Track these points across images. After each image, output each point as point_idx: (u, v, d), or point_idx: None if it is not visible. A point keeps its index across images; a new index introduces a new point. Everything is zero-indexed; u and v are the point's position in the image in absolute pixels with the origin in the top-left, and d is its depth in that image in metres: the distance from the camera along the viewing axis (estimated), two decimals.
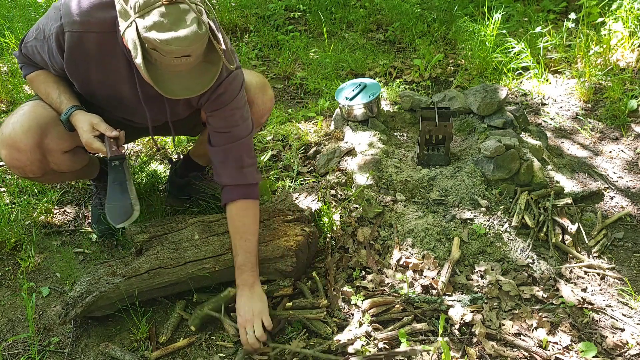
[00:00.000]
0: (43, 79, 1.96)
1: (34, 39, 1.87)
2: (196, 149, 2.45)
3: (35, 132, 1.87)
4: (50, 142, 1.91)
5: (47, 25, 1.80)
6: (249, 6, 4.61)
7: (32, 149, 1.88)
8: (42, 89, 1.95)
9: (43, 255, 2.32)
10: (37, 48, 1.87)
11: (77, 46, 1.75)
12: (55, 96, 1.91)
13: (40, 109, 1.93)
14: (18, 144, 1.86)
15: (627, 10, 3.45)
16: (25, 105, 1.97)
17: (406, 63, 3.80)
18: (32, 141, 1.87)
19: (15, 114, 1.93)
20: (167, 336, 1.92)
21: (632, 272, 2.20)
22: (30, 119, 1.88)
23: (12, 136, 1.86)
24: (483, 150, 2.46)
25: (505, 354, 1.82)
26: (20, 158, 1.89)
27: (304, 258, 2.09)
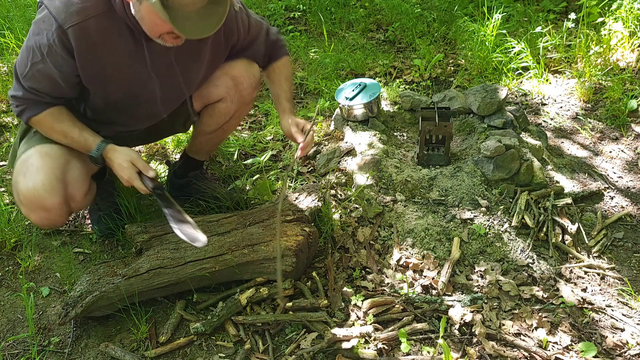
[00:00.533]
0: (56, 118, 1.88)
1: (30, 67, 1.78)
2: (192, 144, 2.45)
3: (59, 187, 1.87)
4: (73, 191, 1.93)
5: (40, 41, 1.73)
6: (249, 6, 4.61)
7: (60, 205, 1.89)
8: (56, 129, 1.89)
9: (43, 255, 2.32)
10: (39, 72, 1.78)
11: (83, 38, 1.73)
12: (77, 135, 1.89)
13: (51, 159, 1.88)
14: (46, 205, 1.86)
15: (627, 10, 3.45)
16: (31, 156, 1.89)
17: (406, 63, 3.80)
18: (58, 199, 1.87)
19: (27, 171, 1.86)
20: (167, 336, 1.92)
21: (632, 272, 2.20)
22: (48, 175, 1.85)
23: (38, 198, 1.84)
24: (483, 150, 2.46)
25: (505, 354, 1.82)
26: (51, 217, 1.91)
27: (304, 258, 2.09)
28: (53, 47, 1.73)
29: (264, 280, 2.05)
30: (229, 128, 2.36)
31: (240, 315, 1.96)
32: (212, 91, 2.18)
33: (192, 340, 1.91)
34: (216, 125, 2.27)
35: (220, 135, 2.38)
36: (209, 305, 2.04)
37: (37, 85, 1.82)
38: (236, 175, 2.74)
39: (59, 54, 1.74)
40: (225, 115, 2.24)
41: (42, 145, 1.93)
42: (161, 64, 1.92)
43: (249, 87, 2.19)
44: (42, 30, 1.73)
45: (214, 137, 2.37)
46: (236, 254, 2.02)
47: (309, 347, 1.84)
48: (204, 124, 2.29)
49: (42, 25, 1.72)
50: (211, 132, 2.31)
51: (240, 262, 2.01)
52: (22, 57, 1.80)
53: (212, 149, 2.53)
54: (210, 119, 2.26)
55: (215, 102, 2.21)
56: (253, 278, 2.06)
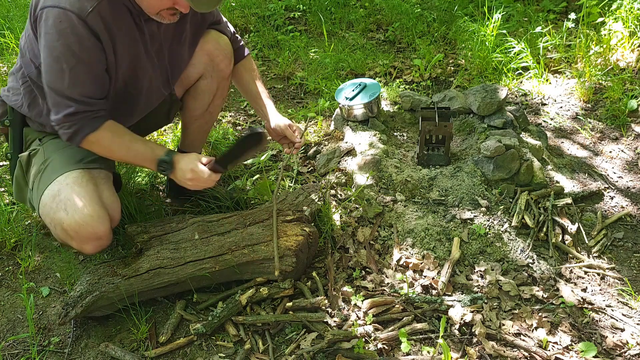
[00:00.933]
0: (114, 132, 1.84)
1: (70, 74, 1.70)
2: (184, 138, 2.46)
3: (104, 214, 1.87)
4: (112, 212, 1.94)
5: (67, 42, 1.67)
6: (249, 6, 4.61)
7: (109, 230, 1.90)
8: (118, 144, 1.84)
9: (43, 255, 2.32)
10: (81, 75, 1.72)
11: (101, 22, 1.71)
12: (141, 145, 1.88)
13: (82, 187, 1.86)
14: (99, 234, 1.86)
15: (627, 10, 3.45)
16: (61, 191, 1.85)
17: (406, 63, 3.80)
18: (108, 224, 1.88)
19: (67, 206, 1.82)
20: (167, 336, 1.92)
21: (632, 272, 2.20)
22: (92, 204, 1.84)
23: (90, 231, 1.83)
24: (483, 150, 2.46)
25: (505, 354, 1.82)
26: (103, 244, 1.92)
27: (304, 258, 2.09)
28: (83, 39, 1.69)
29: (264, 280, 2.05)
30: (215, 110, 2.37)
31: (241, 316, 1.96)
32: (190, 70, 2.20)
33: (192, 340, 1.91)
34: (202, 107, 2.30)
35: (208, 120, 2.40)
36: (209, 305, 2.04)
37: (84, 89, 1.75)
38: (236, 175, 2.74)
39: (90, 43, 1.71)
40: (209, 94, 2.26)
41: (63, 176, 1.88)
42: (154, 47, 1.94)
43: (225, 59, 2.21)
44: (62, 31, 1.67)
45: (203, 124, 2.39)
46: (236, 254, 2.02)
47: (309, 347, 1.84)
48: (190, 109, 2.31)
49: (61, 26, 1.67)
50: (199, 117, 2.33)
51: (240, 262, 2.01)
52: (54, 73, 1.72)
53: (204, 138, 2.53)
54: (195, 101, 2.28)
55: (196, 82, 2.24)
56: (253, 278, 2.06)
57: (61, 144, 1.98)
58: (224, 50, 2.21)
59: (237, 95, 3.58)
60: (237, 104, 3.50)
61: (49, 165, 1.94)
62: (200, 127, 2.40)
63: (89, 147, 1.86)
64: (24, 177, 2.03)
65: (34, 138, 2.04)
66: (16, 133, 2.05)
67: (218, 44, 2.20)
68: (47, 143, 2.00)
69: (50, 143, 2.00)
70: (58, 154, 1.96)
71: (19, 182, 2.06)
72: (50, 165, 1.94)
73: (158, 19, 1.79)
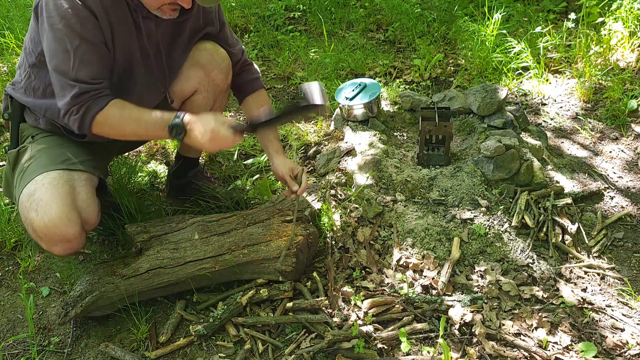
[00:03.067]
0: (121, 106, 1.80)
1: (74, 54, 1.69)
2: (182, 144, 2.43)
3: (75, 216, 1.83)
4: (87, 215, 1.89)
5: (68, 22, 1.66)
6: (249, 6, 4.61)
7: (80, 233, 1.85)
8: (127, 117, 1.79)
9: (43, 255, 2.32)
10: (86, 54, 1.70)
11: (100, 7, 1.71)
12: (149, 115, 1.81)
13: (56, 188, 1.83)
14: (67, 237, 1.82)
15: (627, 10, 3.45)
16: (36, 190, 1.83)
17: (406, 63, 3.80)
18: (77, 227, 1.84)
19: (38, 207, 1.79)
20: (167, 336, 1.92)
21: (632, 272, 2.20)
22: (61, 206, 1.80)
23: (58, 233, 1.80)
24: (483, 150, 2.46)
25: (505, 354, 1.82)
26: (73, 246, 1.88)
27: (304, 258, 2.09)
28: (84, 20, 1.68)
29: (264, 281, 2.05)
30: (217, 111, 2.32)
31: (241, 317, 1.96)
32: (185, 84, 2.16)
33: (192, 340, 1.91)
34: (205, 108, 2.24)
35: None
36: (209, 306, 2.04)
37: (91, 69, 1.74)
38: (236, 175, 2.74)
39: (92, 23, 1.70)
40: (205, 108, 2.21)
41: (41, 175, 1.86)
42: (152, 44, 1.92)
43: (220, 74, 2.17)
44: (64, 13, 1.66)
45: None
46: (236, 254, 2.02)
47: (309, 347, 1.84)
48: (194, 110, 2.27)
49: (62, 8, 1.66)
50: None
51: (240, 262, 2.01)
52: (59, 55, 1.70)
53: None
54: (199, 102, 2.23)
55: (191, 95, 2.20)
56: (253, 278, 2.07)
57: (50, 144, 1.96)
58: (219, 65, 2.16)
59: None
60: (237, 104, 3.50)
61: (32, 164, 1.92)
62: None
63: (100, 130, 1.80)
64: (11, 173, 2.02)
65: (28, 135, 2.04)
66: (14, 128, 2.05)
67: (213, 58, 2.14)
68: (38, 141, 1.99)
69: (40, 141, 1.98)
70: (44, 152, 1.94)
71: (7, 177, 2.05)
72: (33, 164, 1.92)
73: (159, 13, 1.78)
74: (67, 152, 1.93)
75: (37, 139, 2.00)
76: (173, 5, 1.76)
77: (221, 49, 2.17)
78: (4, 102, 2.08)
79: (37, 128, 2.03)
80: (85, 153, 1.98)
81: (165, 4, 1.74)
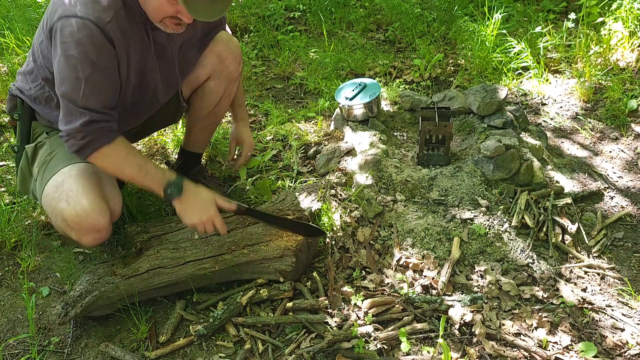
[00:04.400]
0: (127, 147, 1.83)
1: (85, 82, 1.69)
2: (187, 137, 2.47)
3: (105, 207, 1.87)
4: (113, 206, 1.94)
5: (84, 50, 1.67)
6: (249, 6, 4.61)
7: (109, 223, 1.90)
8: (131, 161, 1.82)
9: (43, 255, 2.32)
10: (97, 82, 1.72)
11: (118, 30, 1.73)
12: (152, 166, 1.86)
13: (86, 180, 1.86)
14: (98, 227, 1.86)
15: (627, 10, 3.45)
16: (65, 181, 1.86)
17: (406, 63, 3.80)
18: (108, 218, 1.88)
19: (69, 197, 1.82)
20: (167, 336, 1.92)
21: (632, 272, 2.20)
22: (93, 197, 1.83)
23: (90, 222, 1.83)
24: (483, 150, 2.46)
25: (505, 354, 1.82)
26: (102, 237, 1.92)
27: (304, 258, 2.09)
28: (100, 48, 1.70)
29: (264, 281, 2.05)
30: (220, 111, 2.38)
31: (241, 317, 1.96)
32: (200, 71, 2.21)
33: (192, 340, 1.91)
34: (208, 107, 2.30)
35: (213, 121, 2.40)
36: (209, 305, 2.04)
37: (101, 98, 1.75)
38: (236, 175, 2.74)
39: (107, 51, 1.72)
40: (216, 95, 2.26)
41: (67, 167, 1.89)
42: (162, 54, 1.95)
43: (234, 61, 2.24)
44: (80, 40, 1.67)
45: (207, 125, 2.40)
46: (236, 254, 2.02)
47: (309, 347, 1.84)
48: (196, 108, 2.32)
49: (78, 35, 1.67)
50: (204, 117, 2.34)
51: (240, 262, 2.01)
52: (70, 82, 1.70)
53: (207, 139, 2.54)
54: (202, 101, 2.28)
55: (204, 82, 2.24)
56: (253, 278, 2.07)
57: None
58: (234, 53, 2.23)
59: None
60: None
61: (55, 157, 1.95)
62: (205, 127, 2.40)
63: (98, 161, 1.82)
64: (29, 168, 2.05)
65: (41, 131, 2.07)
66: (25, 126, 2.08)
67: (228, 46, 2.21)
68: (55, 137, 2.02)
69: (57, 137, 2.00)
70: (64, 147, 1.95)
71: (23, 172, 2.07)
72: (55, 157, 1.95)
73: (162, 27, 1.79)
74: None
75: (52, 135, 2.04)
76: (176, 19, 1.76)
77: (234, 38, 2.26)
78: (10, 102, 2.10)
79: (50, 127, 2.06)
80: None
81: (167, 17, 1.75)
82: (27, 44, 3.80)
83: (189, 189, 1.87)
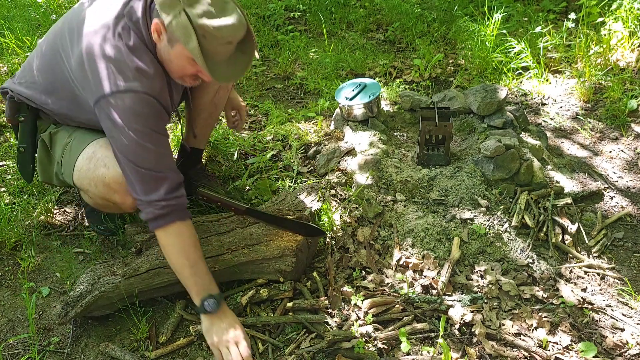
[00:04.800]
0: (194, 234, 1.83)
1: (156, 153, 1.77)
2: (188, 131, 2.48)
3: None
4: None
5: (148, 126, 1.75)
6: (249, 6, 4.61)
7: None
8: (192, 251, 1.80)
9: (43, 255, 2.32)
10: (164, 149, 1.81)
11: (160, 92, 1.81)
12: (204, 268, 1.82)
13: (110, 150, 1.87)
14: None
15: (627, 10, 3.45)
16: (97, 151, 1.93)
17: (406, 63, 3.80)
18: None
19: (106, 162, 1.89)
20: (167, 336, 1.92)
21: (632, 272, 2.20)
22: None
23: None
24: (483, 150, 2.46)
25: (505, 354, 1.82)
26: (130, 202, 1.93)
27: (304, 258, 2.09)
28: (160, 116, 1.80)
29: (264, 281, 2.05)
30: (219, 102, 2.40)
31: (241, 317, 1.96)
32: None
33: (192, 340, 1.91)
34: (207, 99, 2.33)
35: (213, 112, 2.42)
36: None
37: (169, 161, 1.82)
38: (236, 175, 2.74)
39: (163, 113, 1.82)
40: (213, 84, 2.28)
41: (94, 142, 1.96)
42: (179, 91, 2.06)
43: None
44: (143, 114, 1.74)
45: (207, 116, 2.41)
46: (236, 254, 2.02)
47: (309, 347, 1.84)
48: (195, 101, 2.34)
49: (141, 110, 1.73)
50: (203, 109, 2.37)
51: (240, 262, 2.01)
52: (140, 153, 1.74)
53: (208, 132, 2.55)
54: (200, 93, 2.31)
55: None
56: (253, 278, 2.07)
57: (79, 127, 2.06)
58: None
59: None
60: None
61: (76, 138, 2.01)
62: (205, 119, 2.41)
63: (165, 234, 1.80)
64: (47, 154, 2.10)
65: (47, 125, 2.11)
66: (29, 125, 2.11)
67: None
68: (64, 125, 2.08)
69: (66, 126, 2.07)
70: (80, 130, 2.04)
71: (42, 161, 2.13)
72: (77, 138, 2.01)
73: (180, 82, 1.87)
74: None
75: (61, 125, 2.09)
76: (195, 76, 1.82)
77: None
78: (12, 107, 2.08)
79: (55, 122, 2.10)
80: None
81: (187, 75, 1.81)
82: (27, 44, 3.80)
83: (226, 311, 1.83)
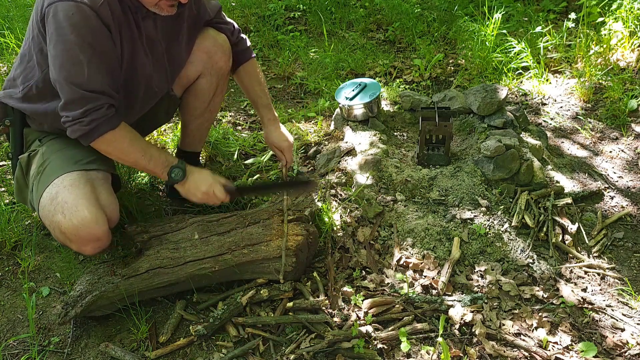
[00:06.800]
0: (131, 132, 1.82)
1: (88, 65, 1.67)
2: (184, 136, 2.48)
3: (102, 215, 1.85)
4: (110, 213, 1.92)
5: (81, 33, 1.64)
6: (249, 6, 4.62)
7: (107, 231, 1.89)
8: (136, 146, 1.82)
9: (43, 255, 2.32)
10: (99, 66, 1.69)
11: (111, 14, 1.71)
12: (156, 151, 1.88)
13: (79, 189, 1.84)
14: (97, 236, 1.85)
15: (627, 10, 3.45)
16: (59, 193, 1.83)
17: (406, 63, 3.80)
18: (105, 225, 1.87)
19: (64, 209, 1.80)
20: (167, 336, 1.92)
21: (632, 272, 2.20)
22: (88, 207, 1.82)
23: (88, 233, 1.82)
24: (483, 150, 2.46)
25: (505, 354, 1.82)
26: (103, 245, 1.91)
27: (304, 258, 2.09)
28: (96, 31, 1.68)
29: (264, 281, 2.05)
30: (215, 107, 2.40)
31: (241, 317, 1.96)
32: (190, 69, 2.21)
33: (192, 340, 1.91)
34: (202, 105, 2.32)
35: (208, 118, 2.42)
36: (209, 306, 2.04)
37: (104, 80, 1.72)
38: (236, 175, 2.74)
39: (103, 34, 1.70)
40: (209, 92, 2.28)
41: (60, 178, 1.87)
42: (152, 45, 1.94)
43: (223, 56, 2.23)
44: (76, 24, 1.64)
45: (203, 122, 2.41)
46: (236, 254, 2.02)
47: (309, 347, 1.84)
48: (190, 107, 2.33)
49: (74, 19, 1.63)
50: (199, 115, 2.35)
51: (240, 262, 2.01)
52: (71, 67, 1.67)
53: (204, 137, 2.55)
54: (195, 100, 2.30)
55: (195, 80, 2.25)
56: (253, 278, 2.07)
57: (60, 145, 1.98)
58: (222, 48, 2.22)
59: (237, 95, 3.58)
60: (237, 104, 3.50)
61: (48, 167, 1.94)
62: (201, 125, 2.41)
63: (102, 146, 1.80)
64: (24, 178, 2.04)
65: (34, 138, 2.05)
66: (17, 133, 2.06)
67: (216, 42, 2.20)
68: (47, 144, 2.01)
69: (49, 144, 2.00)
70: (56, 155, 1.96)
71: (19, 183, 2.07)
72: (48, 167, 1.93)
73: (156, 10, 1.79)
74: (79, 152, 1.95)
75: (45, 142, 2.01)
76: (171, 1, 1.77)
77: (221, 34, 2.23)
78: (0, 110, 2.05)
79: (42, 132, 2.04)
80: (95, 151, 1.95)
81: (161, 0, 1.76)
82: None
83: (192, 170, 1.91)
